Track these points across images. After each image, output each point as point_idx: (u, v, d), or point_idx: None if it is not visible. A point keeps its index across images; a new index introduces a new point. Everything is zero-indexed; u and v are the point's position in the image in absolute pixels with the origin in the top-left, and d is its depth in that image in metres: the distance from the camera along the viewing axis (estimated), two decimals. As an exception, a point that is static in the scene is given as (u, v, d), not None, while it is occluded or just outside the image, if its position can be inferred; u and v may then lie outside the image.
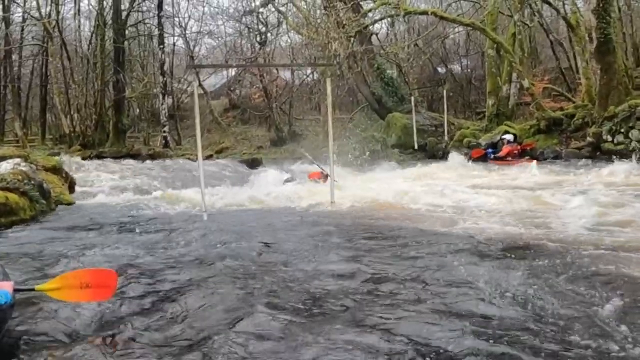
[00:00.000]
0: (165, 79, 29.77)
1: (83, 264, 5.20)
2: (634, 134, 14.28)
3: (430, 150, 20.57)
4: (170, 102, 33.10)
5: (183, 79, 36.66)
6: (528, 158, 16.12)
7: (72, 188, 11.72)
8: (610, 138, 15.01)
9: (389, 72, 26.02)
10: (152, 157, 23.28)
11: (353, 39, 21.53)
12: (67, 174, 11.87)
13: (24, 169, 9.14)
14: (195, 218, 8.13)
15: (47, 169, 10.95)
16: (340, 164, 13.95)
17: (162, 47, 29.44)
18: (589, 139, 15.78)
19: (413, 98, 22.20)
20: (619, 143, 14.74)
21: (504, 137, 17.49)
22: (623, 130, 14.63)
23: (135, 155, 23.36)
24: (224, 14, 35.67)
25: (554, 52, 28.66)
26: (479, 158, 17.20)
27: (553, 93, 25.38)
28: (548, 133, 17.63)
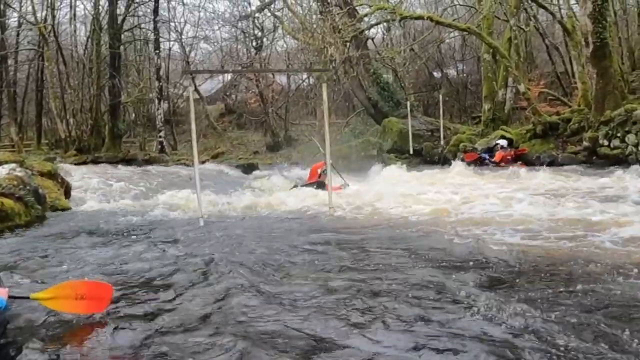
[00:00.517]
0: (161, 84, 29.75)
1: (78, 271, 5.16)
2: (631, 139, 14.28)
3: (426, 155, 20.56)
4: (166, 107, 33.08)
5: (179, 84, 36.64)
6: (520, 163, 16.14)
7: (67, 193, 11.67)
8: (607, 142, 15.01)
9: (385, 76, 26.03)
10: (148, 162, 23.24)
11: (349, 44, 21.55)
12: (62, 179, 11.82)
13: (20, 174, 9.08)
14: (192, 224, 8.07)
15: (42, 174, 10.89)
16: (337, 169, 13.90)
17: (158, 52, 29.41)
18: (586, 144, 15.78)
19: (409, 103, 22.19)
20: (616, 147, 14.74)
21: (498, 142, 17.50)
22: (619, 135, 14.64)
23: (131, 160, 23.31)
24: (220, 19, 35.68)
25: (550, 56, 28.71)
26: (473, 162, 17.21)
27: (549, 97, 25.43)
28: (544, 137, 17.62)
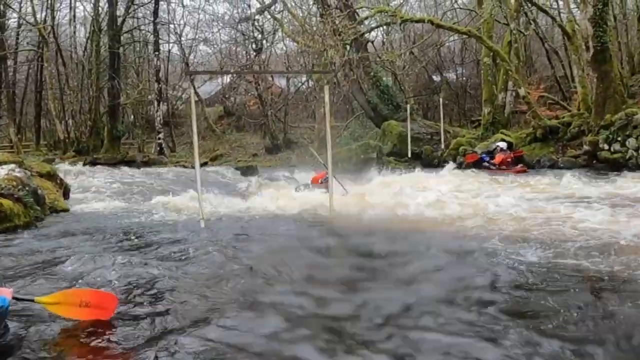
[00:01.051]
0: (161, 86, 29.73)
1: (77, 273, 5.12)
2: (631, 143, 14.27)
3: (426, 159, 20.52)
4: (165, 108, 33.04)
5: (178, 86, 36.60)
6: (521, 166, 16.10)
7: (66, 195, 11.63)
8: (607, 146, 15.00)
9: (385, 80, 26.02)
10: (146, 163, 23.25)
11: (349, 47, 21.51)
12: (61, 180, 11.78)
13: (19, 175, 9.04)
14: (192, 225, 8.02)
15: (41, 175, 10.85)
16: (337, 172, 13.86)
17: (157, 53, 29.40)
18: (586, 148, 15.77)
19: (409, 106, 22.19)
20: (616, 152, 14.73)
21: (498, 144, 17.47)
22: (620, 139, 14.63)
23: (130, 162, 23.32)
24: (220, 21, 35.65)
25: (550, 60, 28.72)
26: (473, 164, 17.19)
27: (549, 101, 25.43)
28: (544, 141, 17.62)
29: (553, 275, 4.64)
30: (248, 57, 34.15)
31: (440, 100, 22.81)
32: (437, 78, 33.46)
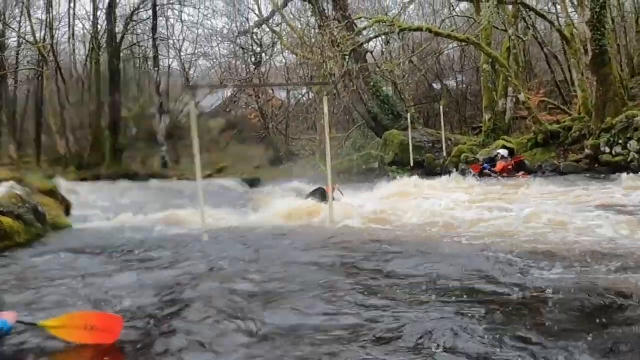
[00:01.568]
0: (162, 100, 29.77)
1: (79, 292, 5.05)
2: (633, 145, 14.24)
3: (428, 167, 20.49)
4: (168, 121, 33.05)
5: (179, 100, 36.62)
6: (524, 173, 16.07)
7: (68, 211, 11.59)
8: (609, 150, 14.98)
9: (385, 89, 26.06)
10: (150, 177, 23.15)
11: (348, 58, 21.55)
12: (62, 197, 11.75)
13: (19, 192, 9.00)
14: (195, 239, 7.94)
15: (42, 192, 10.81)
16: (340, 182, 13.86)
17: (157, 69, 29.48)
18: (587, 151, 15.74)
19: (409, 115, 22.22)
20: (618, 154, 14.71)
21: (499, 152, 17.43)
22: (621, 142, 14.61)
23: (133, 176, 23.24)
24: (219, 36, 35.75)
25: (549, 65, 28.72)
26: (479, 173, 17.15)
27: (549, 106, 25.40)
28: (545, 146, 17.60)
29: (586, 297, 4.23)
30: (248, 70, 34.25)
31: (441, 108, 22.83)
32: (437, 86, 33.48)
